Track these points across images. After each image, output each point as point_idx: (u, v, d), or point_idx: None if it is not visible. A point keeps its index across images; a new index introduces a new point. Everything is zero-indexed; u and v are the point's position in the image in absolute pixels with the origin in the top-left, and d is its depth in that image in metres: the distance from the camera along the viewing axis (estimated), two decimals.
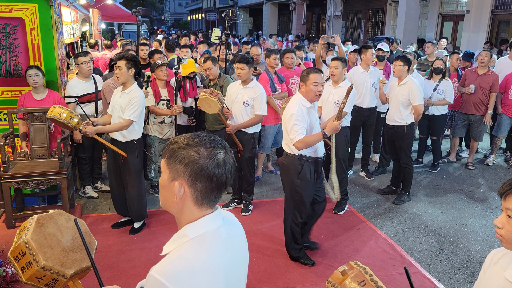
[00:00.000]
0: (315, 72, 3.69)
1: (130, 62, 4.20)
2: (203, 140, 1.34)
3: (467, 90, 6.41)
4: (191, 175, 1.31)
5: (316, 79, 3.65)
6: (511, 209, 1.40)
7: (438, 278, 3.89)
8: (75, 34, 8.11)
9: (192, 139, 1.35)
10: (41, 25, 4.78)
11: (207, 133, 1.41)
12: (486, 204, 5.51)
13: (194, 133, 1.39)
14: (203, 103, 4.70)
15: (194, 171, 1.31)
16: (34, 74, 4.65)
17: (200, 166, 1.30)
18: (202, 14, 44.47)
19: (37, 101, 4.75)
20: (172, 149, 1.35)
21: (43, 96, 4.79)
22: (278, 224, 4.82)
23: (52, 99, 4.80)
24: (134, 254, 4.18)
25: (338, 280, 1.47)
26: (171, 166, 1.34)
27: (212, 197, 1.36)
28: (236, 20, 6.98)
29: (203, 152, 1.32)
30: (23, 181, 4.32)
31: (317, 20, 26.65)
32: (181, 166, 1.31)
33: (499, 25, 13.94)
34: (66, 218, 1.75)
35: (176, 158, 1.32)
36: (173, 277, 1.23)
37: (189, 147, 1.32)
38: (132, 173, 4.43)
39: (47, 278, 1.60)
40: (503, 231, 1.44)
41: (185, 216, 1.37)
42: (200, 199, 1.35)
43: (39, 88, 4.75)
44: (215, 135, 1.43)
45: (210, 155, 1.32)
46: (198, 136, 1.37)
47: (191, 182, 1.32)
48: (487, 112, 6.51)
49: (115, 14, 14.47)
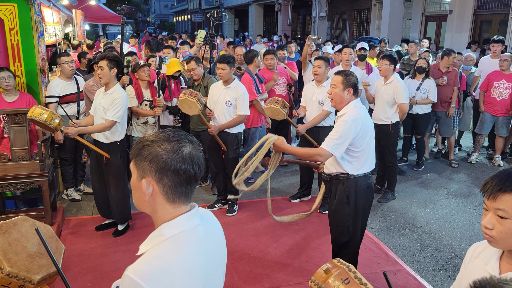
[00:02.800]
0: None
1: (112, 62, 4.15)
2: (167, 135, 1.34)
3: (440, 81, 6.50)
4: (157, 170, 1.30)
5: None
6: (503, 209, 1.37)
7: (422, 275, 3.91)
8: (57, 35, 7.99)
9: (156, 136, 1.34)
10: (20, 25, 4.70)
11: (172, 129, 1.40)
12: (470, 201, 5.56)
13: (159, 130, 1.39)
14: (183, 104, 4.67)
15: (160, 166, 1.29)
16: (7, 77, 4.57)
17: (164, 161, 1.29)
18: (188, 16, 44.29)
19: (8, 103, 4.66)
20: (137, 148, 1.34)
21: (15, 98, 4.70)
22: (263, 225, 4.81)
23: (24, 101, 4.72)
24: (118, 256, 4.13)
25: (321, 278, 1.45)
26: (138, 165, 1.33)
27: (182, 191, 1.34)
28: (221, 20, 6.97)
29: (166, 147, 1.31)
30: (3, 184, 4.23)
31: (302, 21, 26.75)
32: (146, 163, 1.31)
33: (481, 25, 14.15)
34: (31, 224, 1.71)
35: (142, 156, 1.32)
36: (148, 277, 1.21)
37: (153, 143, 1.32)
38: (115, 175, 4.38)
39: (13, 285, 1.57)
40: (494, 232, 1.41)
41: (159, 214, 1.35)
42: (170, 195, 1.33)
43: (11, 91, 4.66)
44: (182, 130, 1.41)
45: (173, 148, 1.31)
46: (162, 132, 1.36)
47: (158, 178, 1.31)
48: (450, 106, 6.62)
49: (99, 15, 14.29)
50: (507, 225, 1.39)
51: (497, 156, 6.97)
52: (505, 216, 1.38)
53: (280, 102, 4.83)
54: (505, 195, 1.37)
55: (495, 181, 1.41)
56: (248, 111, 4.93)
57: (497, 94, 6.63)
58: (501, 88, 6.61)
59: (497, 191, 1.39)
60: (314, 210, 3.50)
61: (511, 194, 1.36)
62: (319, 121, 4.97)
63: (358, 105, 3.24)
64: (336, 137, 3.10)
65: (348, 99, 3.22)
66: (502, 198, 1.38)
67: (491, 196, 1.41)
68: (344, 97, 3.21)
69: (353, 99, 3.23)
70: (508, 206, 1.37)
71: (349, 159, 3.23)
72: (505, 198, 1.37)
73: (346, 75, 3.21)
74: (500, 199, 1.38)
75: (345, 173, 3.26)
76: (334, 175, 3.32)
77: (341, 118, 3.19)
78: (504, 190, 1.37)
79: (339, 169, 3.28)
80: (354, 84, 3.21)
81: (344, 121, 3.12)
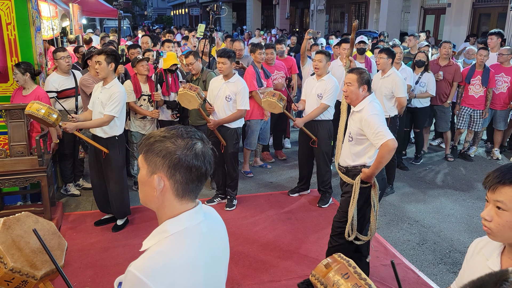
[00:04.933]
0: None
1: (109, 56, 4.13)
2: (180, 132, 1.33)
3: (436, 76, 6.50)
4: (170, 166, 1.30)
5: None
6: (501, 201, 1.40)
7: (421, 269, 3.93)
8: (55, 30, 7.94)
9: (168, 131, 1.34)
10: (17, 20, 4.66)
11: (183, 125, 1.40)
12: (468, 195, 5.58)
13: (170, 126, 1.38)
14: (182, 98, 4.67)
15: (173, 162, 1.29)
16: (14, 73, 4.59)
17: (178, 157, 1.29)
18: (186, 9, 44.09)
19: (22, 97, 4.70)
20: (148, 143, 1.33)
21: (29, 92, 4.72)
22: (262, 219, 4.82)
23: (34, 95, 4.71)
24: (118, 251, 4.13)
25: (321, 273, 1.47)
26: (148, 160, 1.32)
27: (192, 188, 1.35)
28: (220, 14, 6.94)
29: (180, 143, 1.31)
30: (1, 180, 4.22)
31: (300, 14, 26.65)
32: (159, 158, 1.30)
33: (480, 18, 14.12)
34: (34, 220, 1.72)
35: (154, 152, 1.31)
36: (151, 273, 1.21)
37: (166, 139, 1.31)
38: (114, 170, 4.37)
39: (16, 280, 1.57)
40: (492, 224, 1.44)
41: (166, 210, 1.35)
42: (180, 191, 1.33)
43: (26, 84, 4.68)
44: (192, 127, 1.41)
45: (187, 145, 1.31)
46: (174, 128, 1.36)
47: (171, 174, 1.30)
48: (446, 101, 6.63)
49: (96, 9, 14.21)
50: (504, 217, 1.40)
51: (495, 150, 6.98)
52: (503, 208, 1.40)
53: (277, 95, 4.83)
54: (504, 187, 1.40)
55: (496, 173, 1.44)
56: (248, 105, 4.92)
57: (495, 87, 6.62)
58: (500, 82, 6.61)
59: (497, 183, 1.41)
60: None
61: (510, 186, 1.38)
62: (317, 114, 4.96)
63: (374, 99, 3.38)
64: (380, 128, 3.18)
65: (363, 96, 3.36)
66: (502, 191, 1.40)
67: (491, 188, 1.44)
68: (359, 94, 3.34)
69: (367, 95, 3.36)
70: (506, 199, 1.39)
71: (370, 149, 3.36)
72: (504, 190, 1.40)
73: (360, 73, 3.34)
74: (499, 191, 1.41)
75: (362, 165, 3.38)
76: (351, 167, 3.45)
77: (363, 114, 3.28)
78: (504, 182, 1.40)
79: (357, 161, 3.41)
80: (368, 81, 3.36)
81: (371, 115, 3.23)
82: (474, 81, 6.50)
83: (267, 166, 6.46)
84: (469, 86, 6.55)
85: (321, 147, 5.06)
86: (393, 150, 3.17)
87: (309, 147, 5.17)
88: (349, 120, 3.49)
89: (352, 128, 3.40)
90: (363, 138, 3.33)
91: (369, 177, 3.29)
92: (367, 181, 3.33)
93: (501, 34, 7.82)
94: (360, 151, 3.38)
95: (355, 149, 3.41)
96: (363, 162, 3.40)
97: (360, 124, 3.29)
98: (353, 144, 3.41)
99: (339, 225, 3.52)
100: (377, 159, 3.21)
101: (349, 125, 3.47)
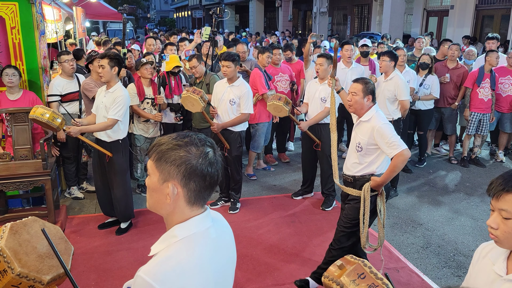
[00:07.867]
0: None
1: (113, 60, 4.14)
2: (193, 140, 1.33)
3: (443, 79, 6.48)
4: (185, 175, 1.29)
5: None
6: (506, 210, 1.38)
7: (425, 272, 3.91)
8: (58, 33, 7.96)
9: (181, 139, 1.32)
10: (22, 24, 4.69)
11: (193, 132, 1.39)
12: (472, 198, 5.56)
13: (181, 133, 1.36)
14: (185, 101, 4.68)
15: (188, 171, 1.29)
16: (11, 74, 4.56)
17: (193, 166, 1.29)
18: (188, 12, 44.20)
19: (11, 102, 4.65)
20: (160, 150, 1.32)
21: (18, 96, 4.70)
22: (266, 222, 4.81)
23: (27, 99, 4.71)
24: (121, 255, 4.13)
25: (336, 274, 1.44)
26: (161, 168, 1.31)
27: (205, 196, 1.35)
28: (223, 17, 6.95)
29: (194, 152, 1.30)
30: (6, 183, 4.23)
31: (303, 16, 26.68)
32: (173, 167, 1.29)
33: (483, 20, 14.09)
34: (40, 225, 1.72)
35: (167, 160, 1.30)
36: (161, 278, 1.21)
37: (179, 148, 1.30)
38: (117, 173, 4.38)
39: (23, 285, 1.57)
40: (498, 232, 1.42)
41: (176, 216, 1.35)
42: (192, 198, 1.33)
43: (14, 88, 4.66)
44: (202, 134, 1.40)
45: (202, 154, 1.31)
46: (186, 135, 1.34)
47: (185, 183, 1.30)
48: (454, 103, 6.61)
49: (100, 12, 14.24)
50: (510, 225, 1.39)
51: (500, 152, 6.96)
52: (508, 217, 1.38)
53: (283, 99, 4.82)
54: (508, 195, 1.38)
55: (499, 181, 1.42)
56: (252, 109, 4.92)
57: (502, 90, 6.60)
58: (507, 84, 6.58)
59: (501, 190, 1.40)
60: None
61: None
62: (321, 118, 4.96)
63: (379, 109, 3.40)
64: (394, 138, 3.20)
65: (368, 106, 3.36)
66: (506, 198, 1.38)
67: (495, 196, 1.42)
68: (364, 104, 3.34)
69: (372, 105, 3.36)
70: (510, 206, 1.37)
71: (379, 158, 3.36)
72: (508, 198, 1.38)
73: (366, 83, 3.34)
74: (503, 199, 1.39)
75: (370, 174, 3.37)
76: (358, 176, 3.44)
77: (373, 124, 3.28)
78: (507, 190, 1.38)
79: (365, 170, 3.40)
80: (373, 91, 3.36)
81: (384, 124, 3.24)
82: (483, 84, 6.47)
83: (270, 168, 6.46)
84: (479, 89, 6.49)
85: (324, 150, 5.05)
86: (406, 160, 3.19)
87: (312, 150, 5.16)
88: (356, 130, 3.46)
89: (361, 138, 3.38)
90: (374, 148, 3.32)
91: (379, 186, 3.29)
92: (376, 189, 3.32)
93: (499, 39, 7.85)
94: (370, 160, 3.37)
95: (365, 159, 3.38)
96: (372, 171, 3.38)
97: (372, 134, 3.28)
98: (363, 154, 3.38)
99: (343, 229, 3.51)
100: (390, 168, 3.21)
101: (356, 135, 3.45)
